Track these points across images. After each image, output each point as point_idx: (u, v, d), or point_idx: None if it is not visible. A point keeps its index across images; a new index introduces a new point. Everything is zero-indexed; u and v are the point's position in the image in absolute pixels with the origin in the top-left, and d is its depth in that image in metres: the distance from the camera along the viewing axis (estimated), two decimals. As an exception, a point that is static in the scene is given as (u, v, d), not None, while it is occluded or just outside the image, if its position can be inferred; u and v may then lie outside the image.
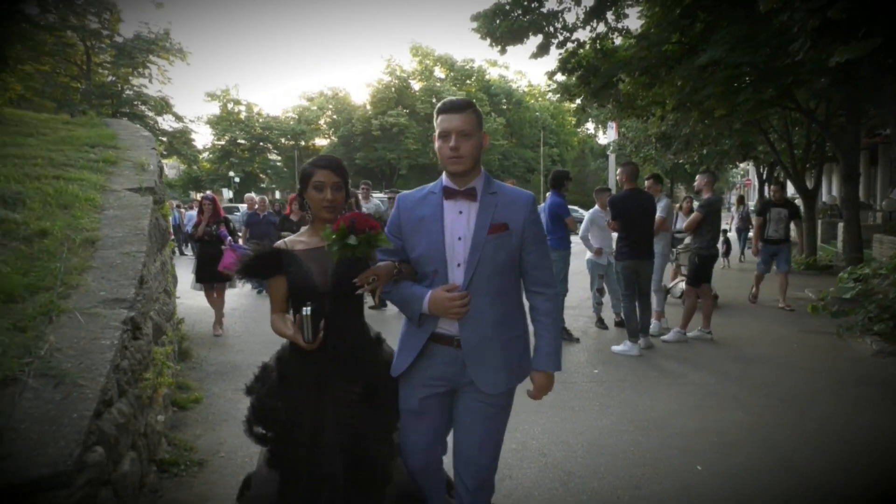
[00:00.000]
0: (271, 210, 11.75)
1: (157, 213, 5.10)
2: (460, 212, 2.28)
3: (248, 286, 10.23)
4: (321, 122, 53.52)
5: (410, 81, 50.42)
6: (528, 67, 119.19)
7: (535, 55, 11.55)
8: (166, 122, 38.38)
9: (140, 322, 3.54)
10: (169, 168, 42.10)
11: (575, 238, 7.45)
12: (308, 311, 2.23)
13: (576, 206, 24.54)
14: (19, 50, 8.95)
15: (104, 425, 2.69)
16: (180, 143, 39.76)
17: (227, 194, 41.26)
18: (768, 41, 7.98)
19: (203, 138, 48.98)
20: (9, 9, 6.54)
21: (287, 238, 2.56)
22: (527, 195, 2.35)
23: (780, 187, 9.53)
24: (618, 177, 7.09)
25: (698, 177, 7.65)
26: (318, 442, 2.37)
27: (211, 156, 49.30)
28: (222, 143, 49.36)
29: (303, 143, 52.39)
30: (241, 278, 2.58)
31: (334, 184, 2.43)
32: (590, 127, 37.82)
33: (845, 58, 5.33)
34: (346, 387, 2.40)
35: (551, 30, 11.12)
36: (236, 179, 47.28)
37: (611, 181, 34.58)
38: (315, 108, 52.91)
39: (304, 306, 2.24)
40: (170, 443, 4.06)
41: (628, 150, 22.03)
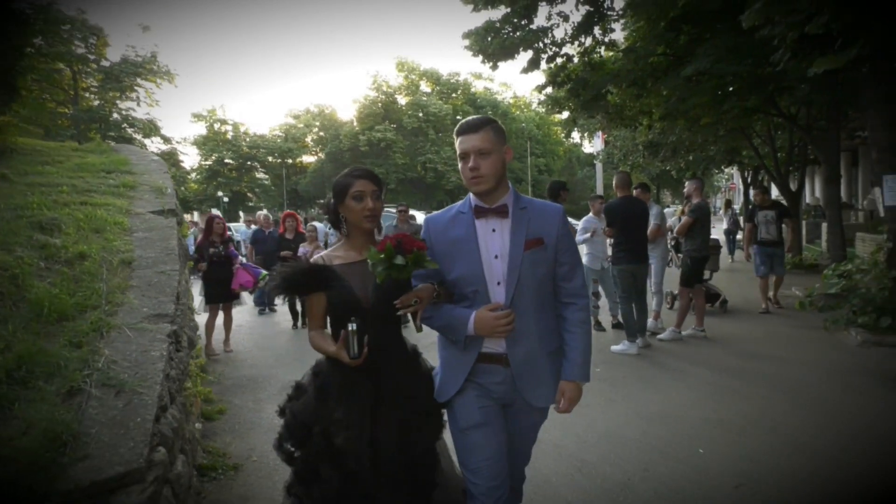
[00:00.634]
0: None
1: (179, 234, 5.35)
2: (493, 230, 2.26)
3: (249, 304, 10.38)
4: (308, 140, 53.72)
5: (397, 96, 50.78)
6: (513, 79, 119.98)
7: (525, 70, 11.91)
8: (154, 145, 38.48)
9: (181, 335, 3.80)
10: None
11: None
12: (354, 327, 2.21)
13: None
14: (29, 81, 9.17)
15: (163, 429, 2.95)
16: (169, 164, 39.62)
17: (215, 213, 41.22)
18: (751, 52, 8.32)
19: (190, 159, 48.75)
20: (23, 42, 6.79)
21: (322, 253, 2.53)
22: (556, 207, 2.34)
23: (762, 191, 9.65)
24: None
25: (687, 183, 8.00)
26: (370, 457, 2.29)
27: (198, 176, 49.33)
28: (209, 163, 49.35)
29: (290, 160, 52.61)
30: (280, 294, 2.46)
31: (373, 192, 2.39)
32: (575, 136, 38.20)
33: (823, 69, 5.72)
34: (396, 401, 2.36)
35: (541, 45, 11.49)
36: (225, 199, 47.33)
37: (598, 189, 35.02)
38: (302, 125, 53.12)
39: (349, 322, 2.22)
40: (204, 450, 4.29)
41: (616, 158, 22.46)
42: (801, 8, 5.69)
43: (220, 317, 7.78)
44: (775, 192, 16.67)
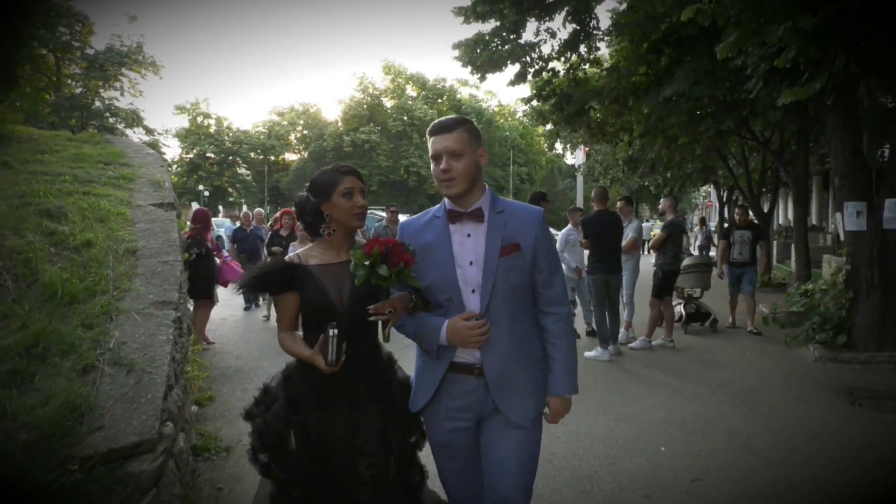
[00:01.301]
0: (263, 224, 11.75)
1: (177, 227, 5.57)
2: (468, 234, 2.15)
3: (232, 300, 10.55)
4: (291, 138, 53.65)
5: (382, 99, 50.97)
6: (498, 88, 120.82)
7: (512, 83, 12.25)
8: (136, 135, 38.17)
9: (183, 322, 4.03)
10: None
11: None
12: (334, 332, 2.08)
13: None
14: (27, 70, 9.26)
15: (170, 406, 3.19)
16: (151, 155, 39.45)
17: (195, 207, 40.97)
18: (727, 77, 8.76)
19: (171, 151, 48.25)
20: (23, 31, 6.92)
21: (299, 251, 2.42)
22: (536, 210, 2.22)
23: (743, 210, 9.65)
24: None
25: (662, 200, 8.41)
26: (339, 464, 2.25)
27: (179, 169, 48.96)
28: (191, 156, 49.02)
29: (273, 157, 52.48)
30: (250, 292, 2.45)
31: (361, 189, 2.33)
32: (558, 147, 38.74)
33: (790, 100, 6.15)
34: (371, 408, 2.28)
35: (528, 59, 11.86)
36: (206, 193, 47.07)
37: (579, 201, 35.58)
38: (286, 122, 53.02)
39: (329, 327, 2.09)
40: (197, 433, 4.52)
41: (597, 172, 22.94)
42: (770, 42, 6.11)
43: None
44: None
